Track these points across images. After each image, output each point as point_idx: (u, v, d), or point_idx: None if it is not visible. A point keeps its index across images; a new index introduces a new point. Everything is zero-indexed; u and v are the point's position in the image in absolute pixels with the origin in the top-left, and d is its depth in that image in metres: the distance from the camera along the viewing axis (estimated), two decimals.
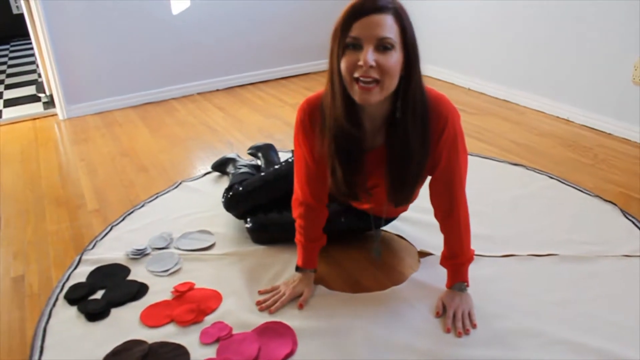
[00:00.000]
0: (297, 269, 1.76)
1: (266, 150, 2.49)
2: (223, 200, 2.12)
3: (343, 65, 1.31)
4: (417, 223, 2.09)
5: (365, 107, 1.41)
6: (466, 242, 1.63)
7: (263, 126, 3.35)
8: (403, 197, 1.55)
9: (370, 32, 1.27)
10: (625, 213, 2.12)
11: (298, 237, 1.74)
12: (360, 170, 1.49)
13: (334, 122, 1.44)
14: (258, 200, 2.03)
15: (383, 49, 1.27)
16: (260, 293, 1.76)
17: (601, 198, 2.24)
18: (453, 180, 1.54)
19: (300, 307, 1.68)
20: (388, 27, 1.27)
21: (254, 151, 2.54)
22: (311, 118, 1.54)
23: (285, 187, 1.92)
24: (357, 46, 1.29)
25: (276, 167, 2.11)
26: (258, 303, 1.70)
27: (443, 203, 1.60)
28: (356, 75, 1.30)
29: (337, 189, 1.54)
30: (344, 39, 1.30)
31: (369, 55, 1.26)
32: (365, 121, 1.46)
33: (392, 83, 1.32)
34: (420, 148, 1.43)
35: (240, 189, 2.06)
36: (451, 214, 1.59)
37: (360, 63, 1.27)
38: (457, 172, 1.54)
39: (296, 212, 1.71)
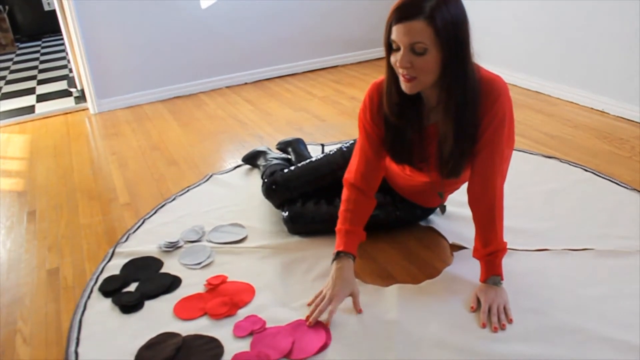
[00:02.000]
0: (337, 256, 1.65)
1: (296, 145, 2.49)
2: (264, 186, 2.12)
3: (391, 60, 1.47)
4: (450, 216, 2.07)
5: (422, 91, 1.53)
6: (500, 229, 1.61)
7: (292, 119, 3.34)
8: (452, 170, 1.59)
9: (403, 38, 1.39)
10: None
11: (340, 225, 1.69)
12: (417, 141, 1.62)
13: (390, 103, 1.57)
14: (298, 189, 2.04)
15: (416, 53, 1.40)
16: (308, 304, 1.65)
17: (639, 191, 2.18)
18: (493, 161, 1.56)
19: (360, 312, 1.61)
20: (419, 32, 1.37)
21: (284, 146, 2.54)
22: (375, 98, 1.64)
23: (326, 177, 2.03)
24: (397, 47, 1.43)
25: (318, 156, 2.11)
26: (307, 318, 1.57)
27: (480, 184, 1.59)
28: (399, 71, 1.46)
29: (396, 156, 1.66)
30: (388, 39, 1.44)
31: (403, 59, 1.41)
32: (424, 100, 1.58)
33: (429, 78, 1.45)
34: (466, 127, 1.51)
35: (282, 175, 2.08)
36: (486, 195, 1.59)
37: (398, 64, 1.43)
38: (497, 152, 1.55)
39: (345, 194, 1.73)
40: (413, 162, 1.66)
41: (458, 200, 2.01)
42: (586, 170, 2.39)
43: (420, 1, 1.36)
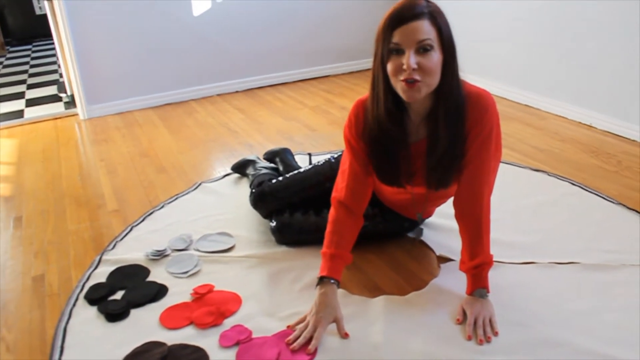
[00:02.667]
0: (320, 281, 1.62)
1: (283, 154, 2.49)
2: (251, 196, 2.12)
3: (389, 68, 1.44)
4: (437, 228, 2.08)
5: (411, 104, 1.52)
6: (487, 242, 1.62)
7: (282, 128, 3.35)
8: (440, 183, 1.60)
9: (410, 38, 1.39)
10: None
11: (325, 249, 1.66)
12: (403, 160, 1.60)
13: (376, 120, 1.55)
14: (286, 199, 2.05)
15: (423, 51, 1.39)
16: (290, 327, 1.61)
17: (625, 206, 2.20)
18: (480, 173, 1.57)
19: (347, 336, 1.57)
20: (426, 31, 1.39)
21: (271, 156, 2.54)
22: (361, 116, 1.61)
23: (314, 187, 2.03)
24: (399, 51, 1.41)
25: (307, 167, 2.12)
26: (289, 342, 1.53)
27: (466, 196, 1.60)
28: (401, 77, 1.42)
29: (382, 177, 1.65)
30: (388, 45, 1.42)
31: (411, 59, 1.38)
32: (411, 115, 1.57)
33: (434, 80, 1.44)
34: (456, 140, 1.52)
35: (270, 185, 2.08)
36: (473, 208, 1.60)
37: (404, 67, 1.39)
38: (485, 165, 1.57)
39: (332, 214, 1.70)
40: (400, 182, 1.64)
41: (444, 212, 2.01)
42: (573, 184, 2.41)
43: (417, 6, 1.40)
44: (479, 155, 1.55)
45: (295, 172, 2.11)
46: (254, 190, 2.13)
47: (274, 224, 2.02)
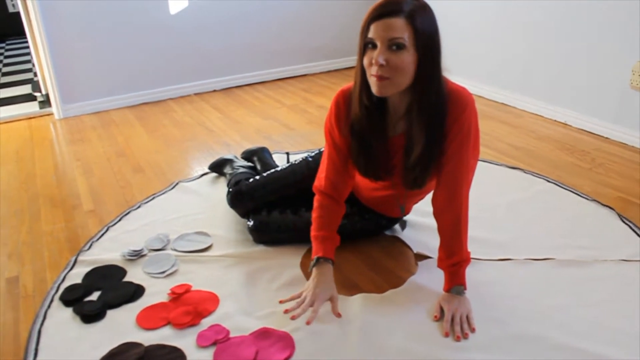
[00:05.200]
0: (316, 261, 1.67)
1: (261, 154, 2.49)
2: (228, 196, 2.11)
3: (364, 61, 1.46)
4: (415, 226, 2.09)
5: (389, 98, 1.54)
6: (465, 240, 1.63)
7: (260, 127, 3.34)
8: (416, 180, 1.60)
9: (383, 34, 1.40)
10: (622, 217, 2.12)
11: (315, 232, 1.71)
12: (381, 152, 1.61)
13: (358, 111, 1.56)
14: (263, 198, 2.04)
15: (395, 49, 1.40)
16: (282, 302, 1.66)
17: (598, 202, 2.24)
18: (459, 171, 1.58)
19: (339, 316, 1.62)
20: (399, 29, 1.38)
21: (249, 155, 2.53)
22: (342, 105, 1.63)
23: (291, 186, 2.03)
24: (374, 45, 1.42)
25: (284, 166, 2.11)
26: (286, 311, 1.59)
27: (445, 194, 1.61)
28: (372, 72, 1.44)
29: (361, 168, 1.66)
30: (365, 39, 1.44)
31: (380, 55, 1.40)
32: (390, 110, 1.58)
33: (403, 79, 1.44)
34: (433, 137, 1.52)
35: (247, 185, 2.06)
36: (452, 206, 1.60)
37: (373, 62, 1.41)
38: (464, 163, 1.57)
39: (316, 200, 1.74)
40: (379, 175, 1.66)
41: (422, 210, 2.03)
42: (548, 181, 2.44)
43: (400, 2, 1.39)
44: (458, 153, 1.55)
45: (272, 170, 2.11)
46: (230, 190, 2.12)
47: (251, 223, 2.01)
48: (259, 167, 2.39)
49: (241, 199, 2.06)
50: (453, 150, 1.55)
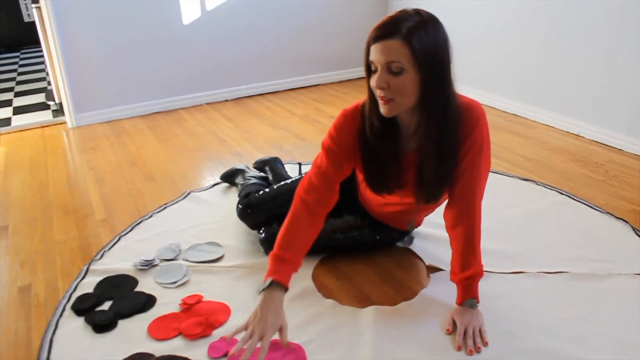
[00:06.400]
0: (268, 285, 1.52)
1: (273, 164, 2.49)
2: (238, 208, 2.11)
3: (370, 83, 1.45)
4: (427, 238, 2.08)
5: (399, 116, 1.53)
6: (478, 253, 1.62)
7: (272, 137, 3.35)
8: (432, 195, 1.60)
9: (380, 57, 1.38)
10: (636, 230, 2.10)
11: (277, 250, 1.56)
12: (394, 169, 1.59)
13: (369, 129, 1.54)
14: (273, 210, 2.01)
15: (393, 72, 1.38)
16: (225, 340, 1.51)
17: (612, 215, 2.22)
18: (472, 184, 1.57)
19: (288, 346, 1.50)
20: (396, 51, 1.36)
21: (261, 165, 2.53)
22: (350, 122, 1.60)
23: None
24: (375, 68, 1.42)
25: (294, 178, 2.11)
26: (232, 356, 1.44)
27: (459, 208, 1.60)
28: (377, 94, 1.44)
29: (374, 184, 1.64)
30: (367, 60, 1.43)
31: (379, 79, 1.40)
32: (402, 127, 1.56)
33: (408, 100, 1.43)
34: (445, 153, 1.50)
35: (257, 197, 2.06)
36: (465, 219, 1.59)
37: (374, 85, 1.41)
38: (476, 176, 1.56)
39: (293, 209, 1.63)
40: (391, 190, 1.63)
41: (434, 222, 2.02)
42: (561, 193, 2.42)
43: (398, 22, 1.37)
44: (471, 167, 1.55)
45: (283, 183, 2.10)
46: (240, 203, 2.12)
47: (262, 235, 2.01)
48: (271, 177, 2.39)
49: (251, 211, 2.05)
50: (466, 164, 1.54)
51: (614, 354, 1.49)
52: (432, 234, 2.08)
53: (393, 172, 1.60)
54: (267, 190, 2.09)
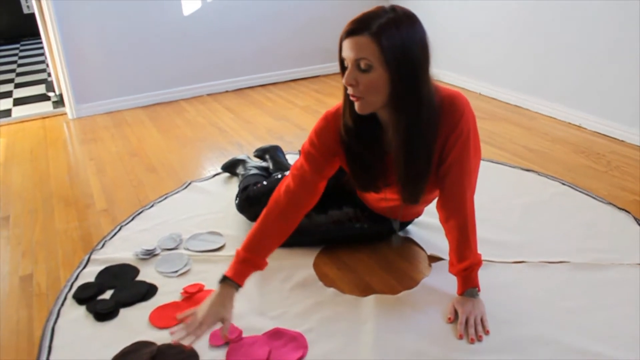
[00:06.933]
0: (222, 280, 1.57)
1: (274, 152, 2.49)
2: (237, 201, 2.11)
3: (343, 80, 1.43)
4: (428, 227, 2.08)
5: (378, 114, 1.50)
6: (474, 243, 1.62)
7: (273, 128, 3.34)
8: (412, 195, 1.57)
9: (350, 54, 1.37)
10: (639, 221, 2.10)
11: (241, 249, 1.60)
12: (379, 168, 1.57)
13: (344, 127, 1.53)
14: None
15: (362, 70, 1.37)
16: (177, 319, 1.58)
17: (614, 205, 2.21)
18: (462, 176, 1.55)
19: (226, 339, 1.52)
20: (363, 48, 1.34)
21: (261, 153, 2.54)
22: (331, 123, 1.59)
23: None
24: (346, 65, 1.40)
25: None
26: (172, 333, 1.50)
27: (450, 200, 1.59)
28: (348, 91, 1.43)
29: (360, 183, 1.62)
30: (340, 57, 1.42)
31: (348, 76, 1.39)
32: (383, 126, 1.54)
33: (377, 98, 1.41)
34: (414, 155, 1.47)
35: (255, 190, 2.05)
36: (457, 212, 1.59)
37: (344, 82, 1.40)
38: (466, 169, 1.54)
39: (265, 210, 1.64)
40: (378, 190, 1.62)
41: (435, 212, 2.01)
42: (563, 184, 2.42)
43: (370, 18, 1.34)
44: (459, 160, 1.53)
45: (280, 175, 2.09)
46: (238, 196, 2.11)
47: None
48: (271, 166, 2.39)
49: (249, 205, 2.05)
50: (454, 157, 1.52)
51: (615, 344, 1.49)
52: (433, 224, 2.07)
53: (378, 172, 1.58)
54: (264, 182, 2.08)
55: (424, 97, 1.41)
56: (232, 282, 1.56)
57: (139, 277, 1.87)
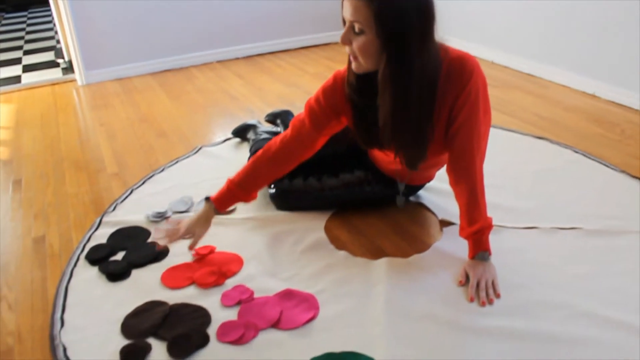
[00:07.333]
0: (207, 201, 1.75)
1: (285, 117, 2.47)
2: None
3: None
4: (439, 192, 2.07)
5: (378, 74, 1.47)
6: (483, 206, 1.61)
7: (283, 94, 3.32)
8: (409, 162, 1.57)
9: (346, 15, 1.39)
10: None
11: (233, 177, 1.73)
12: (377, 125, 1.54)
13: (347, 82, 1.56)
14: None
15: (355, 32, 1.38)
16: (168, 222, 1.89)
17: (627, 174, 2.19)
18: (471, 140, 1.53)
19: (190, 248, 1.74)
20: (357, 11, 1.35)
21: (272, 118, 2.52)
22: (339, 81, 1.61)
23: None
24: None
25: None
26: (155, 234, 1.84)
27: (459, 163, 1.58)
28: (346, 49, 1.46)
29: (362, 138, 1.63)
30: (342, 15, 1.42)
31: (342, 36, 1.41)
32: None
33: (368, 62, 1.42)
34: (409, 124, 1.46)
35: None
36: (466, 176, 1.58)
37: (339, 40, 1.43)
38: (475, 132, 1.53)
39: (261, 151, 1.73)
40: (382, 147, 1.62)
41: (446, 177, 2.00)
42: (576, 152, 2.40)
43: None
44: (467, 122, 1.51)
45: None
46: (250, 159, 2.11)
47: (273, 190, 2.00)
48: (282, 130, 2.37)
49: None
50: (463, 118, 1.51)
51: (624, 309, 1.49)
52: (444, 189, 2.05)
53: (378, 130, 1.56)
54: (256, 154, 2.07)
55: (415, 70, 1.39)
56: (212, 205, 1.73)
57: (151, 239, 1.88)
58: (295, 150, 1.70)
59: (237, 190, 1.71)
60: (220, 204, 1.73)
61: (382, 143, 1.57)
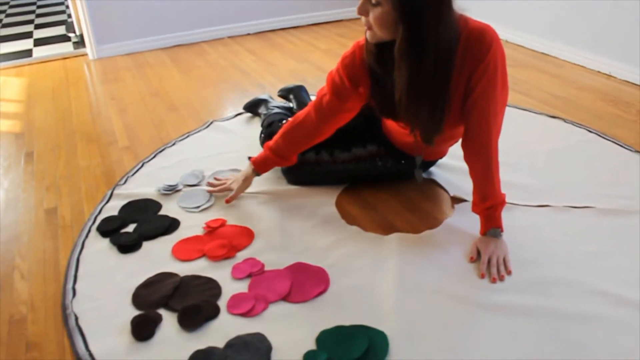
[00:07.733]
0: (250, 164, 1.89)
1: (298, 92, 2.45)
2: (261, 137, 2.10)
3: None
4: (451, 169, 2.06)
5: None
6: (497, 183, 1.59)
7: (295, 70, 3.30)
8: (425, 136, 1.56)
9: None
10: None
11: (272, 142, 1.83)
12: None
13: (366, 49, 1.55)
14: None
15: (372, 3, 1.38)
16: (216, 179, 2.01)
17: None
18: (487, 114, 1.51)
19: (227, 202, 1.89)
20: None
21: (285, 93, 2.51)
22: (358, 50, 1.61)
23: None
24: None
25: None
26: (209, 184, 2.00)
27: (474, 138, 1.56)
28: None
29: (378, 106, 1.64)
30: None
31: (359, 6, 1.41)
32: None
33: (383, 33, 1.42)
34: (423, 100, 1.46)
35: (280, 127, 2.04)
36: (481, 150, 1.56)
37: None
38: (492, 106, 1.51)
39: (302, 113, 1.79)
40: (397, 117, 1.60)
41: (459, 154, 1.98)
42: (590, 131, 2.37)
43: None
44: (485, 93, 1.49)
45: None
46: (263, 132, 2.10)
47: None
48: (295, 105, 2.36)
49: None
50: (480, 91, 1.49)
51: (636, 287, 1.48)
52: (456, 166, 2.05)
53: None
54: (290, 119, 2.06)
55: (431, 44, 1.37)
56: (253, 169, 1.88)
57: (162, 212, 1.89)
58: (325, 118, 1.75)
59: (272, 155, 1.83)
60: (258, 166, 1.88)
61: (398, 115, 1.56)
